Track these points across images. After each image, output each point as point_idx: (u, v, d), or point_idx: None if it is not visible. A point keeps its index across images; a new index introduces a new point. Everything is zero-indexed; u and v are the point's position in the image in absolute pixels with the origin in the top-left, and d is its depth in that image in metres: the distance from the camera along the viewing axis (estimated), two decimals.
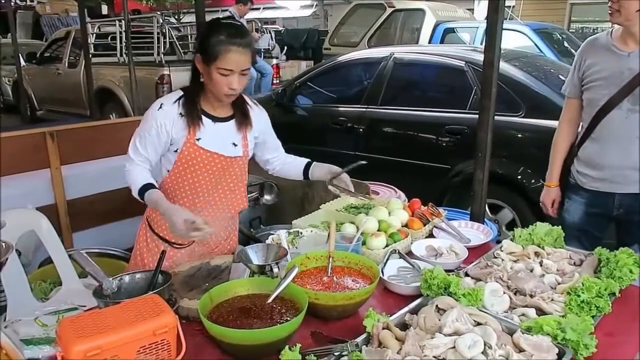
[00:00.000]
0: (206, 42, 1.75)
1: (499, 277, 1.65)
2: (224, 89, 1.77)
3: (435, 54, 4.55)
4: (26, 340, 1.38)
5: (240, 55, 1.75)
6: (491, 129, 2.24)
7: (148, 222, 2.03)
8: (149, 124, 1.83)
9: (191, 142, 1.84)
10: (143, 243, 2.04)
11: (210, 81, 1.78)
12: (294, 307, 1.49)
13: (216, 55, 1.72)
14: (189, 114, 1.83)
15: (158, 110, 1.83)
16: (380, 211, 2.17)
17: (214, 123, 1.89)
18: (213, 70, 1.75)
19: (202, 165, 1.87)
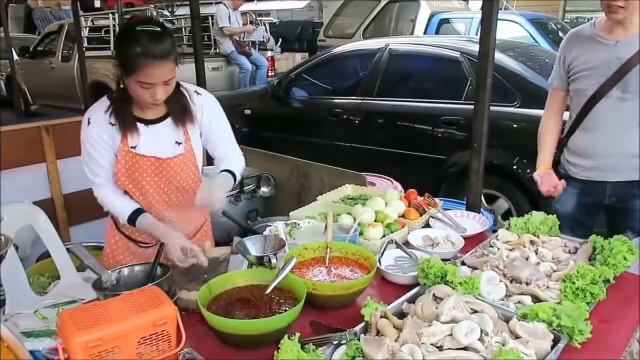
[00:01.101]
0: (122, 52, 1.61)
1: (495, 265, 1.67)
2: (147, 99, 1.68)
3: (431, 44, 4.56)
4: (26, 332, 1.39)
5: (161, 68, 1.60)
6: (487, 120, 2.24)
7: (115, 223, 2.00)
8: (88, 144, 1.77)
9: (125, 150, 1.78)
10: (112, 240, 2.01)
11: (131, 91, 1.68)
12: (292, 297, 1.50)
13: (132, 69, 1.59)
14: (122, 123, 1.74)
15: (88, 126, 1.75)
16: (376, 202, 2.19)
17: (147, 126, 1.80)
18: (131, 82, 1.63)
19: (142, 171, 1.81)
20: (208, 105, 1.92)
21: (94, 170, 1.80)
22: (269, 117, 5.21)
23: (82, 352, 1.17)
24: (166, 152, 1.83)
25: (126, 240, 1.99)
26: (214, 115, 1.94)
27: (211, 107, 1.93)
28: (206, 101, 1.92)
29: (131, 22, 1.70)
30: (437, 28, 8.57)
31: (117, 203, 1.82)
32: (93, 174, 1.81)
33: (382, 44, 4.70)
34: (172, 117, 1.83)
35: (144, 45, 1.57)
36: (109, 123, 1.75)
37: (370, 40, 5.67)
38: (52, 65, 8.71)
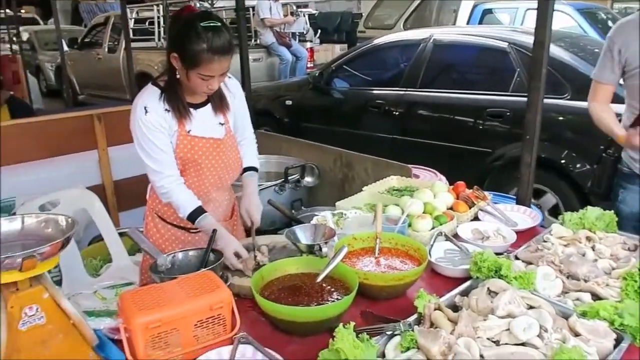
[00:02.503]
0: (185, 47, 1.64)
1: (550, 261, 1.62)
2: (204, 89, 1.74)
3: (477, 35, 4.44)
4: (88, 312, 1.44)
5: (222, 63, 1.67)
6: (540, 111, 2.17)
7: (157, 215, 2.03)
8: (147, 131, 1.76)
9: (183, 134, 1.82)
10: (156, 235, 2.03)
11: (188, 81, 1.72)
12: (343, 286, 1.50)
13: (197, 64, 1.65)
14: (177, 109, 1.78)
15: (146, 115, 1.75)
16: (424, 194, 2.16)
17: (196, 110, 1.86)
18: (192, 75, 1.68)
19: (202, 153, 1.86)
20: (238, 89, 2.02)
21: (154, 157, 1.79)
22: (310, 108, 5.22)
23: (143, 332, 1.20)
24: (217, 133, 1.90)
25: (170, 227, 2.02)
26: (241, 98, 2.03)
27: (239, 90, 2.03)
28: (236, 85, 2.01)
29: (190, 16, 1.69)
30: (481, 18, 8.36)
31: (181, 196, 1.82)
32: (155, 161, 1.79)
33: (426, 34, 4.62)
34: (212, 104, 1.90)
35: (209, 42, 1.62)
36: (164, 110, 1.79)
37: (413, 30, 5.58)
38: (99, 57, 8.96)
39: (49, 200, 2.28)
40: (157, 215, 2.02)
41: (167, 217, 2.00)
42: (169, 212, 1.98)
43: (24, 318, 1.15)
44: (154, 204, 2.01)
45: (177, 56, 1.69)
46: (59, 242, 1.16)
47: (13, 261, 1.09)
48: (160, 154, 1.79)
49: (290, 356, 1.28)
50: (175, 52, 1.69)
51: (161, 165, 1.80)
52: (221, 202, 2.02)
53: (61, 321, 1.20)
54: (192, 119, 1.83)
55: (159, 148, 1.78)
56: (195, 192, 1.90)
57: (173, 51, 1.70)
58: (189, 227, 1.99)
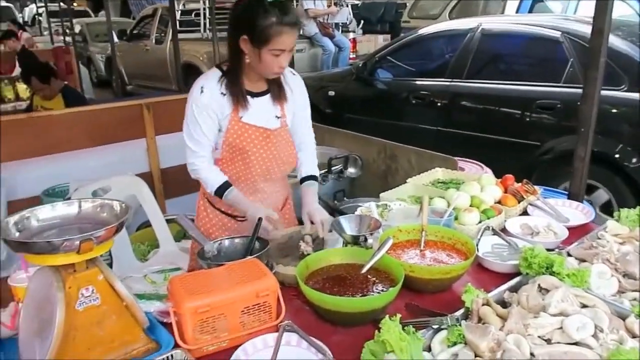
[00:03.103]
0: (255, 24, 1.67)
1: (605, 258, 1.56)
2: (274, 68, 1.75)
3: (529, 24, 4.29)
4: (138, 295, 1.48)
5: (292, 36, 1.70)
6: (597, 103, 2.08)
7: (208, 200, 2.07)
8: (196, 110, 1.80)
9: (235, 119, 1.83)
10: (206, 219, 2.07)
11: (259, 62, 1.73)
12: (388, 278, 1.49)
13: (268, 39, 1.67)
14: (234, 95, 1.81)
15: (200, 94, 1.79)
16: (471, 186, 2.11)
17: (253, 98, 1.87)
18: (264, 52, 1.70)
19: (250, 140, 1.86)
20: (300, 87, 2.01)
21: (195, 138, 1.83)
22: (353, 99, 5.18)
23: (192, 316, 1.23)
24: (270, 124, 1.90)
25: (218, 213, 2.05)
26: (303, 98, 2.02)
27: (302, 89, 2.02)
28: (299, 83, 2.00)
29: None
30: (531, 7, 8.07)
31: (209, 175, 1.87)
32: (194, 141, 1.84)
33: (474, 23, 4.50)
34: (270, 94, 1.90)
35: (278, 15, 1.66)
36: (220, 93, 1.81)
37: (460, 20, 5.44)
38: (147, 48, 9.19)
39: (101, 187, 2.36)
40: (208, 201, 2.06)
41: (217, 202, 2.03)
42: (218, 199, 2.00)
43: (80, 298, 1.19)
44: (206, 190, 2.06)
45: (247, 37, 1.71)
46: (114, 227, 1.20)
47: (71, 243, 1.13)
48: (201, 136, 1.83)
49: (334, 346, 1.28)
50: (245, 34, 1.71)
51: (199, 146, 1.85)
52: (270, 193, 2.02)
53: (115, 303, 1.24)
54: (248, 106, 1.84)
55: (202, 131, 1.82)
56: (243, 181, 1.93)
57: (242, 34, 1.72)
58: (236, 215, 2.02)
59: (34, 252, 1.14)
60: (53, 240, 1.13)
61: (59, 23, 12.10)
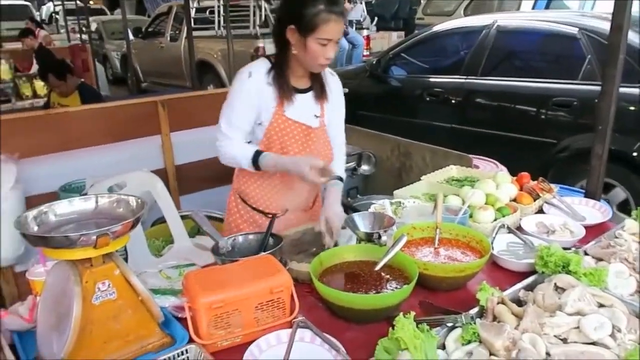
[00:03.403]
0: (302, 13, 1.68)
1: (623, 257, 1.53)
2: (320, 59, 1.75)
3: (545, 20, 4.24)
4: (153, 290, 1.49)
5: (338, 24, 1.71)
6: (615, 100, 2.05)
7: (239, 196, 2.08)
8: (241, 93, 1.81)
9: (279, 113, 1.84)
10: (237, 214, 2.09)
11: (305, 52, 1.74)
12: (401, 275, 1.48)
13: (315, 27, 1.68)
14: (280, 87, 1.82)
15: (248, 78, 1.81)
16: (486, 184, 2.09)
17: (296, 95, 1.87)
18: (310, 41, 1.71)
19: (292, 136, 1.87)
20: (338, 87, 2.02)
21: (232, 120, 1.84)
22: (367, 96, 5.17)
23: (206, 312, 1.24)
24: (311, 122, 1.91)
25: (249, 209, 2.06)
26: (340, 99, 2.04)
27: (340, 90, 2.03)
28: (337, 83, 2.02)
29: None
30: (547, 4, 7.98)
31: (239, 149, 1.84)
32: (228, 122, 1.84)
33: (490, 20, 4.46)
34: (313, 92, 1.91)
35: (326, 3, 1.68)
36: (267, 83, 1.82)
37: (476, 16, 5.39)
38: (162, 45, 9.25)
39: (117, 183, 2.38)
40: (240, 196, 2.07)
41: (249, 199, 2.04)
42: (250, 195, 2.03)
43: (97, 292, 1.21)
44: (239, 184, 2.07)
45: (294, 27, 1.72)
46: (130, 222, 1.21)
47: (88, 238, 1.14)
48: (239, 120, 1.83)
49: (348, 343, 1.28)
50: (292, 23, 1.72)
51: (232, 129, 1.84)
52: (302, 191, 2.04)
53: (131, 297, 1.26)
54: (293, 101, 1.85)
55: (240, 112, 1.82)
56: (278, 177, 1.95)
57: (289, 23, 1.73)
58: (268, 212, 2.03)
59: (52, 247, 1.15)
60: (70, 234, 1.15)
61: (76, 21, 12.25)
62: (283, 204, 2.01)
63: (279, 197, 2.01)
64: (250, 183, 2.02)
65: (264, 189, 2.01)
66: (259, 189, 2.02)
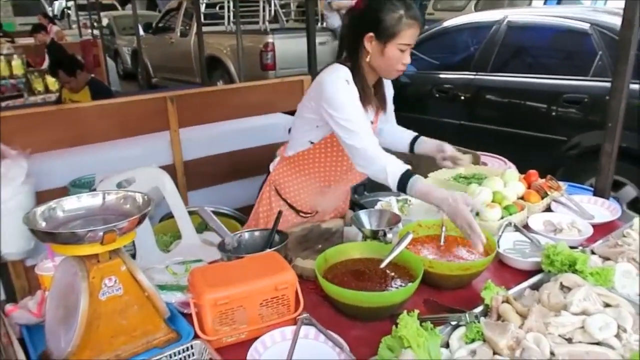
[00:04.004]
0: (382, 19, 1.67)
1: (631, 257, 1.52)
2: (398, 65, 1.73)
3: (556, 16, 4.19)
4: (160, 286, 1.51)
5: (417, 30, 1.71)
6: (625, 97, 2.03)
7: (275, 188, 2.08)
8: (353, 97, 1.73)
9: None
10: (267, 206, 2.09)
11: (382, 58, 1.72)
12: (407, 273, 1.49)
13: (396, 32, 1.67)
14: (365, 93, 1.78)
15: (348, 85, 1.74)
16: (494, 182, 2.08)
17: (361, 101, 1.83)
18: (390, 47, 1.69)
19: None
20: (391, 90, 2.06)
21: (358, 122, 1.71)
22: None
23: (212, 308, 1.25)
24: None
25: (282, 203, 2.05)
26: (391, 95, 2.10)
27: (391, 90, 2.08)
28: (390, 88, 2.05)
29: None
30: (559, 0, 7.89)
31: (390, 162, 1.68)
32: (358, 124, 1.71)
33: (500, 15, 4.42)
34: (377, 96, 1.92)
35: (405, 9, 1.68)
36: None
37: (486, 12, 5.34)
38: (172, 41, 9.29)
39: (126, 178, 2.40)
40: (275, 188, 2.07)
41: (284, 192, 2.05)
42: (286, 189, 2.03)
43: (103, 288, 1.22)
44: (277, 177, 2.06)
45: (373, 34, 1.70)
46: (136, 218, 1.22)
47: (95, 234, 1.16)
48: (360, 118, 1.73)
49: (352, 340, 1.28)
50: (371, 31, 1.71)
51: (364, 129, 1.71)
52: (337, 196, 2.06)
53: (137, 293, 1.27)
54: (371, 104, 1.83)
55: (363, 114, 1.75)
56: (323, 175, 1.95)
57: (367, 31, 1.71)
58: (299, 210, 2.05)
59: (59, 242, 1.17)
60: (77, 230, 1.16)
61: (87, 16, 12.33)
62: (316, 205, 2.04)
63: (313, 197, 2.02)
64: (289, 178, 2.02)
65: (302, 186, 2.02)
66: (297, 186, 2.03)
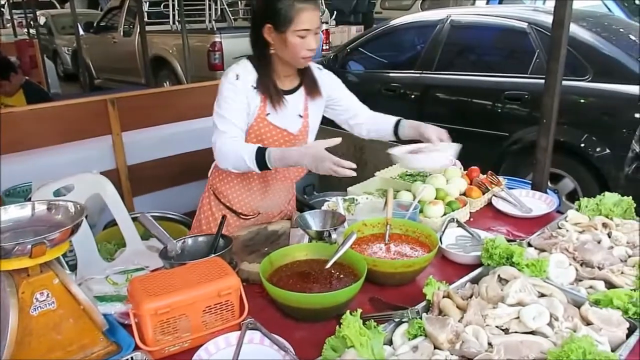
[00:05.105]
0: (276, 8, 1.67)
1: (564, 248, 1.59)
2: (302, 52, 1.72)
3: (496, 15, 4.34)
4: (99, 297, 1.45)
5: (314, 14, 1.69)
6: (558, 94, 2.12)
7: (213, 193, 2.06)
8: (232, 92, 1.76)
9: (262, 117, 1.82)
10: (208, 212, 2.06)
11: (285, 48, 1.72)
12: (352, 273, 1.49)
13: (291, 19, 1.67)
14: (266, 89, 1.79)
15: (236, 79, 1.77)
16: (437, 179, 2.13)
17: (281, 96, 1.85)
18: (289, 35, 1.69)
19: (272, 141, 1.85)
20: (329, 77, 2.02)
21: (226, 117, 1.75)
22: None
23: (152, 318, 1.21)
24: (293, 127, 1.88)
25: (222, 208, 2.03)
26: (337, 83, 2.04)
27: (332, 78, 2.03)
28: (328, 76, 2.01)
29: None
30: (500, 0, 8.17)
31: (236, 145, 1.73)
32: (225, 121, 1.75)
33: (443, 15, 4.53)
34: (305, 87, 1.89)
35: None
36: (252, 86, 1.79)
37: (431, 11, 5.47)
38: (115, 40, 8.99)
39: (64, 185, 2.30)
40: (214, 194, 2.04)
41: (223, 197, 2.02)
42: (225, 193, 2.01)
43: (35, 303, 1.16)
44: (215, 182, 2.04)
45: (271, 25, 1.70)
46: (69, 229, 1.17)
47: (23, 247, 1.10)
48: (234, 117, 1.76)
49: (298, 342, 1.28)
50: (268, 21, 1.70)
51: (229, 126, 1.75)
52: (277, 195, 2.04)
53: (71, 306, 1.22)
54: (275, 103, 1.81)
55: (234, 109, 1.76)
56: (257, 179, 1.94)
57: (265, 22, 1.71)
58: (240, 212, 2.02)
59: None
60: (4, 244, 1.10)
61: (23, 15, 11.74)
62: (257, 206, 2.02)
63: (253, 198, 2.01)
64: (226, 182, 2.00)
65: (240, 189, 2.00)
66: (235, 189, 2.00)
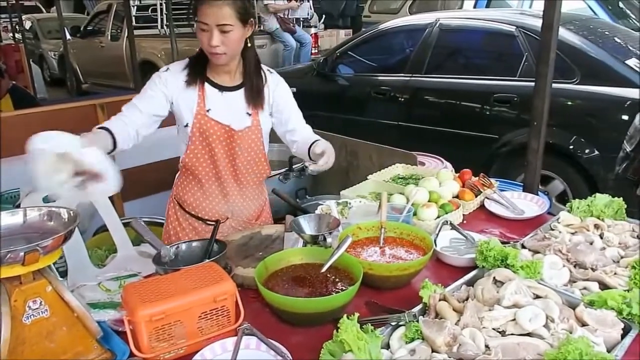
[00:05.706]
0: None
1: (557, 249, 1.60)
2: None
3: (484, 19, 4.38)
4: (92, 304, 1.43)
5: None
6: (548, 97, 2.14)
7: (178, 203, 2.04)
8: (153, 83, 1.79)
9: (202, 113, 1.81)
10: (175, 222, 2.05)
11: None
12: (347, 277, 1.49)
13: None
14: (192, 80, 1.79)
15: (165, 71, 1.81)
16: (430, 182, 2.14)
17: (221, 92, 1.84)
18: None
19: (216, 137, 1.84)
20: (280, 83, 1.98)
21: (133, 102, 1.77)
22: (314, 95, 5.16)
23: (146, 324, 1.20)
24: (238, 124, 1.86)
25: (188, 217, 2.02)
26: (286, 92, 1.99)
27: (282, 85, 1.98)
28: (278, 80, 1.98)
29: None
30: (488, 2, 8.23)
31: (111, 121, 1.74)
32: (129, 104, 1.78)
33: (432, 18, 4.57)
34: (245, 89, 1.87)
35: None
36: (184, 81, 1.80)
37: (419, 15, 5.50)
38: (102, 45, 8.93)
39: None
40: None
41: (187, 205, 2.01)
42: (189, 201, 1.99)
43: (27, 311, 1.14)
44: (178, 191, 2.02)
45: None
46: (62, 236, 1.15)
47: (16, 255, 1.08)
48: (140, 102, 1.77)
49: (294, 347, 1.27)
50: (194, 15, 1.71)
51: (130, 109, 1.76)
52: (243, 200, 2.02)
53: (65, 314, 1.20)
54: (213, 100, 1.81)
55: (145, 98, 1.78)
56: (213, 181, 1.93)
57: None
58: (206, 219, 2.00)
59: None
60: None
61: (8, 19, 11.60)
62: (221, 212, 2.00)
63: (216, 204, 1.99)
64: (188, 189, 1.99)
65: (200, 196, 1.99)
66: (196, 196, 1.99)
